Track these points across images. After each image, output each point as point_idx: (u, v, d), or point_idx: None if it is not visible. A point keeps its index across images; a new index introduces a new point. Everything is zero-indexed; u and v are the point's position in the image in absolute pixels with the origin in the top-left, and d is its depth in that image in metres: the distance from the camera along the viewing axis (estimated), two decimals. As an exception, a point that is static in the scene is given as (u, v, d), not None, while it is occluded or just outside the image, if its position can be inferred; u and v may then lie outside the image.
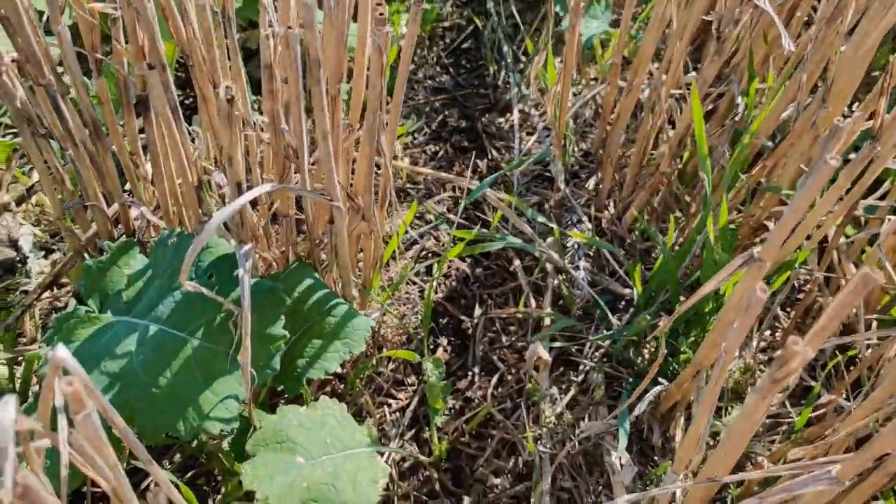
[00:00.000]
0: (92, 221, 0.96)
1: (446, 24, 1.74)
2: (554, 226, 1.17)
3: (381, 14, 0.72)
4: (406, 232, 1.27)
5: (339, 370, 0.91)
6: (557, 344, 1.12)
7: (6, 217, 0.92)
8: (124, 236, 0.98)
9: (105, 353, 0.79)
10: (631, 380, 1.07)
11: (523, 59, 1.63)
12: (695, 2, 0.99)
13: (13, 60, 0.79)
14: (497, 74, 1.61)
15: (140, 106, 0.83)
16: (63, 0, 0.71)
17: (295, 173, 0.85)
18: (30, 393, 1.02)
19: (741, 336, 0.61)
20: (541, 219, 1.16)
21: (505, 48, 1.62)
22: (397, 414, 1.08)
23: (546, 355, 0.95)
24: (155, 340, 0.79)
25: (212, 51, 0.72)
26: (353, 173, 0.98)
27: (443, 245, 1.30)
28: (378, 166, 0.94)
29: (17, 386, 1.00)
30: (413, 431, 1.05)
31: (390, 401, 1.09)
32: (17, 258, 0.91)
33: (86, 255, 0.96)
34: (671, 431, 1.02)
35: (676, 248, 1.19)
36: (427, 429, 1.04)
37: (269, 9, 0.82)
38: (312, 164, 0.90)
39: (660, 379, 1.05)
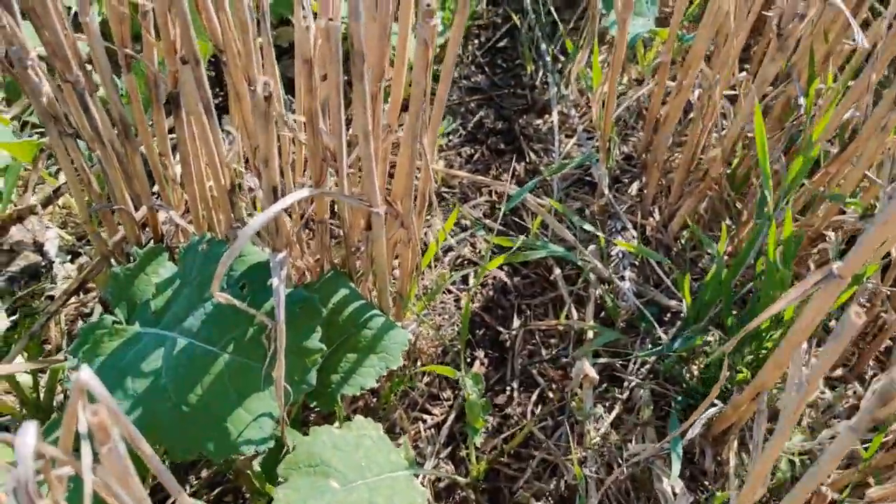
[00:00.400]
0: (119, 225, 0.92)
1: (481, 21, 1.68)
2: (599, 234, 1.11)
3: (428, 5, 0.67)
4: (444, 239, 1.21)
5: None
6: (602, 360, 1.06)
7: (31, 220, 0.88)
8: (152, 241, 0.94)
9: (133, 367, 0.75)
10: (679, 398, 1.01)
11: (561, 58, 1.57)
12: (756, -3, 0.93)
13: (40, 57, 0.76)
14: (535, 74, 1.55)
15: (171, 104, 0.78)
16: (92, -8, 0.67)
17: (331, 177, 0.80)
18: (54, 402, 0.99)
19: (828, 364, 0.55)
20: (587, 226, 1.10)
21: (543, 47, 1.56)
22: (432, 430, 1.03)
23: (593, 373, 0.90)
24: (185, 354, 0.75)
25: (248, 44, 0.68)
26: (390, 177, 0.93)
27: (479, 252, 1.25)
28: (418, 169, 0.89)
29: (42, 395, 0.97)
30: (449, 449, 1.00)
31: (425, 416, 1.04)
32: (43, 263, 0.88)
33: (112, 260, 0.93)
34: (724, 455, 0.96)
35: (726, 257, 1.13)
36: (463, 447, 0.99)
37: None
38: (350, 168, 0.85)
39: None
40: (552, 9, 1.62)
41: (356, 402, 1.01)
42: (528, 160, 1.39)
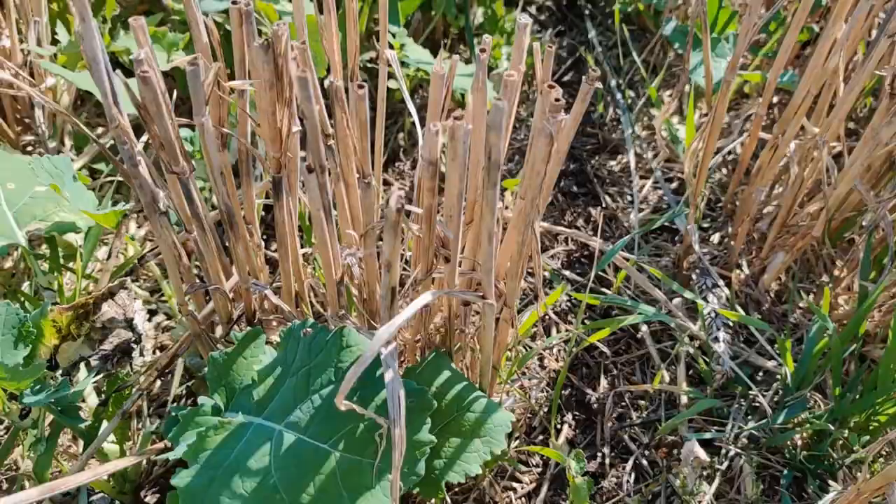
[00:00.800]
0: (208, 300, 0.90)
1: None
2: (699, 300, 1.06)
3: (556, 100, 0.64)
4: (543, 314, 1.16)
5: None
6: (706, 436, 1.01)
7: (122, 295, 0.87)
8: (244, 315, 0.92)
9: (240, 463, 0.73)
10: (785, 471, 0.97)
11: (630, 93, 1.53)
12: (872, 57, 0.88)
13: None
14: (605, 111, 1.51)
15: (274, 187, 0.76)
16: (210, 90, 0.65)
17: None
18: (143, 465, 0.98)
19: None
20: (688, 295, 1.05)
21: (612, 83, 1.51)
22: (523, 500, 1.00)
23: (704, 456, 0.86)
24: (293, 452, 0.72)
25: (365, 143, 0.65)
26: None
27: (560, 306, 1.21)
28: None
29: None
30: (543, 523, 0.97)
31: (515, 484, 1.01)
32: (133, 339, 0.87)
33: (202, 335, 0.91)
34: (837, 536, 0.92)
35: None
36: (558, 520, 0.96)
37: (405, 94, 0.75)
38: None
39: (824, 475, 0.95)
40: (627, 38, 1.57)
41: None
42: (604, 205, 1.35)
